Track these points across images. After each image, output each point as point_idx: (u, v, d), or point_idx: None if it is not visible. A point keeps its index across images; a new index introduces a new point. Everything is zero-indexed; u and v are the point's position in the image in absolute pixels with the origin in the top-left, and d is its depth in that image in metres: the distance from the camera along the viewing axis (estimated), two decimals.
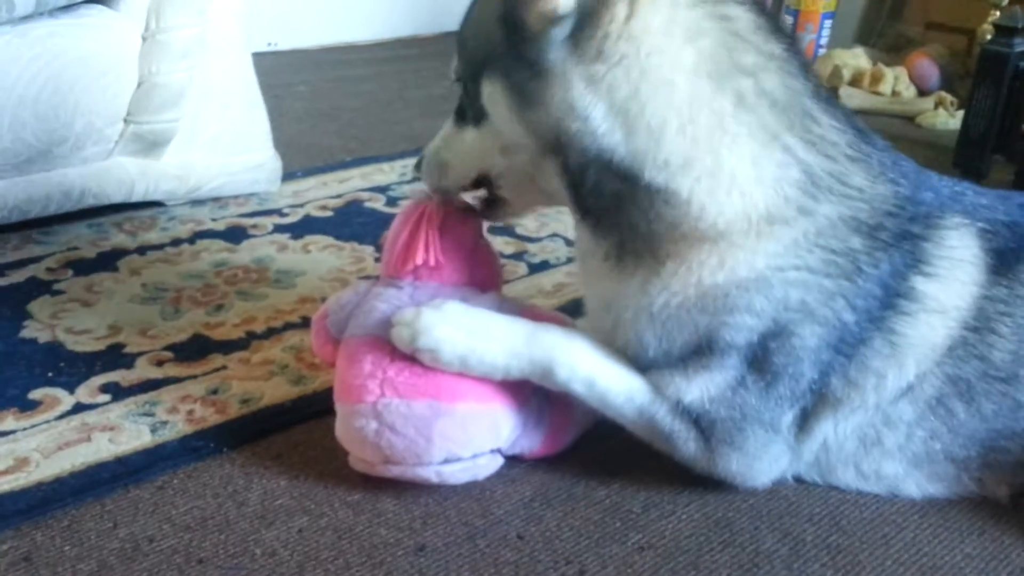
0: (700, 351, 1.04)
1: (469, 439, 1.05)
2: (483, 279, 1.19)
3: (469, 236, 1.18)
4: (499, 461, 1.11)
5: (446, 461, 1.05)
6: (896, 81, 2.60)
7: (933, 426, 1.07)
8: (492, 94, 1.06)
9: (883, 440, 1.08)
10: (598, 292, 1.11)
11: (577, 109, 1.00)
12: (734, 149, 1.00)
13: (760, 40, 1.02)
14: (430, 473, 1.06)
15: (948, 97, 2.54)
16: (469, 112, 1.12)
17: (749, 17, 1.02)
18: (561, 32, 0.99)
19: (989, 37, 2.23)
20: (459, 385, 1.05)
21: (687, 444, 1.06)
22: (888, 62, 2.69)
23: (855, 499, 1.11)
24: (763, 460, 1.07)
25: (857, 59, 2.68)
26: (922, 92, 2.61)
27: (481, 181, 1.16)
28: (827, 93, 1.08)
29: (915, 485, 1.11)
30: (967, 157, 2.10)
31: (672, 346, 1.05)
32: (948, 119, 2.44)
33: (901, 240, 1.04)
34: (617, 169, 1.01)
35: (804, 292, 1.01)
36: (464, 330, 1.05)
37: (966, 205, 1.09)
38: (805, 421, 1.07)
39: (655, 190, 1.01)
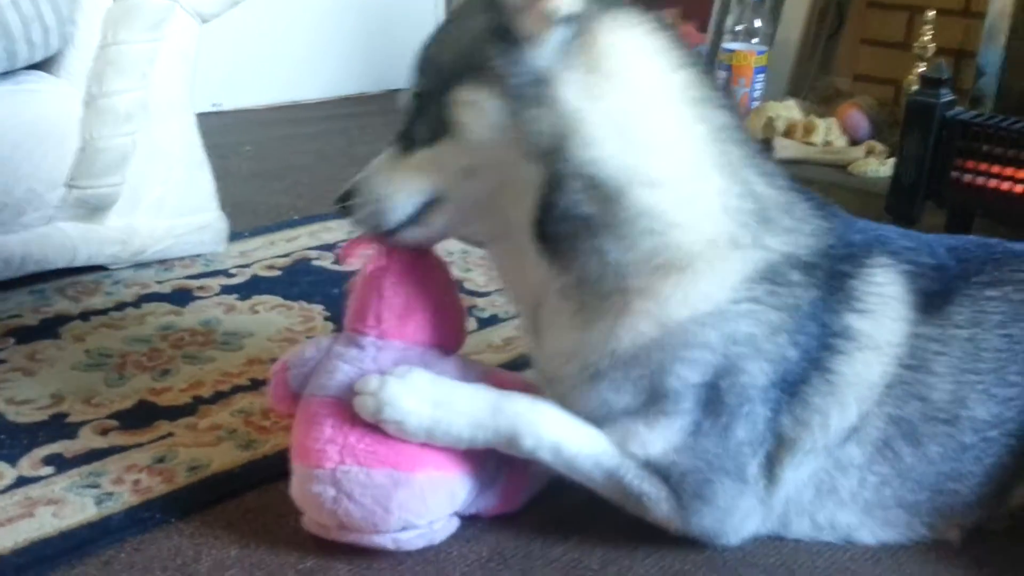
0: (657, 395, 1.05)
1: (427, 508, 1.05)
2: (448, 335, 1.16)
3: (437, 288, 1.15)
4: (455, 523, 1.10)
5: (403, 529, 1.04)
6: (828, 131, 2.68)
7: (883, 470, 1.09)
8: (475, 103, 1.02)
9: (838, 487, 1.10)
10: (557, 344, 1.09)
11: (571, 116, 1.01)
12: (710, 175, 1.06)
13: (720, 85, 1.11)
14: (386, 541, 1.05)
15: (878, 146, 2.63)
16: (422, 132, 1.07)
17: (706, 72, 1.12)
18: (559, 36, 1.01)
19: (915, 88, 2.32)
20: (419, 453, 1.04)
21: (659, 504, 1.06)
22: (820, 113, 2.78)
23: (809, 548, 1.12)
24: (735, 515, 1.07)
25: (790, 111, 2.77)
26: (853, 141, 2.70)
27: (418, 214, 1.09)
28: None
29: (869, 533, 1.13)
30: (899, 203, 2.17)
31: (633, 389, 1.05)
32: (879, 167, 2.52)
33: (833, 278, 1.08)
34: (603, 184, 1.01)
35: (753, 325, 1.04)
36: (429, 401, 1.04)
37: (891, 248, 1.14)
38: (770, 470, 1.08)
39: (638, 213, 1.02)
